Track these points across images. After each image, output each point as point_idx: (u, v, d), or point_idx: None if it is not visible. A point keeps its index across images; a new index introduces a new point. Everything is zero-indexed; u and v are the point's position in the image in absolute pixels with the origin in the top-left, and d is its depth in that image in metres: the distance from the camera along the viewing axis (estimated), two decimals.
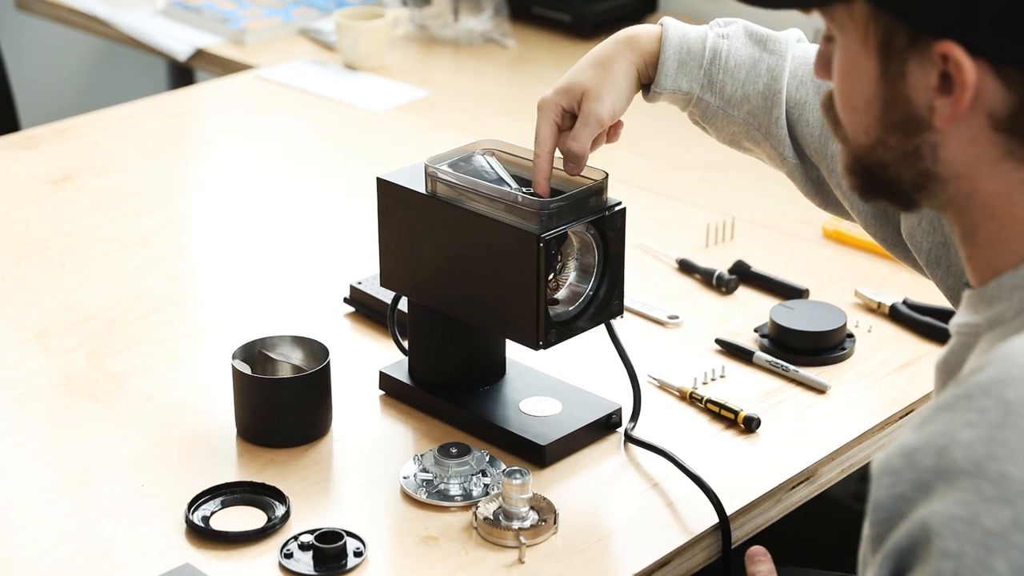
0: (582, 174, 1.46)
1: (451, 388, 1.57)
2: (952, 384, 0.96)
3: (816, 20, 1.10)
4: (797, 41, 1.47)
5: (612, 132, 1.48)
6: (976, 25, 0.95)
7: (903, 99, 1.00)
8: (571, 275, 1.49)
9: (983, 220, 1.03)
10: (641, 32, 1.48)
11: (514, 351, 1.59)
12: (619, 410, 1.55)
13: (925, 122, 1.00)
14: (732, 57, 1.45)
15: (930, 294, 1.83)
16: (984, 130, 0.99)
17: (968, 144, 1.00)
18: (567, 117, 1.45)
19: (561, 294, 1.49)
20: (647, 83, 1.47)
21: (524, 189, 1.46)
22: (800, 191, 1.49)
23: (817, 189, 1.48)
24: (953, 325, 1.08)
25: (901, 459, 0.93)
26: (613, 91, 1.44)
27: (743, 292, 1.84)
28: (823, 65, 1.09)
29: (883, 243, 1.45)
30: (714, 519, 1.42)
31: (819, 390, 1.63)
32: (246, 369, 1.52)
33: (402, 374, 1.60)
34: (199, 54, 2.70)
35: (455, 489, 1.43)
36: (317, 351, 1.55)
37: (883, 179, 1.05)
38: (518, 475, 1.38)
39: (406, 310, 1.58)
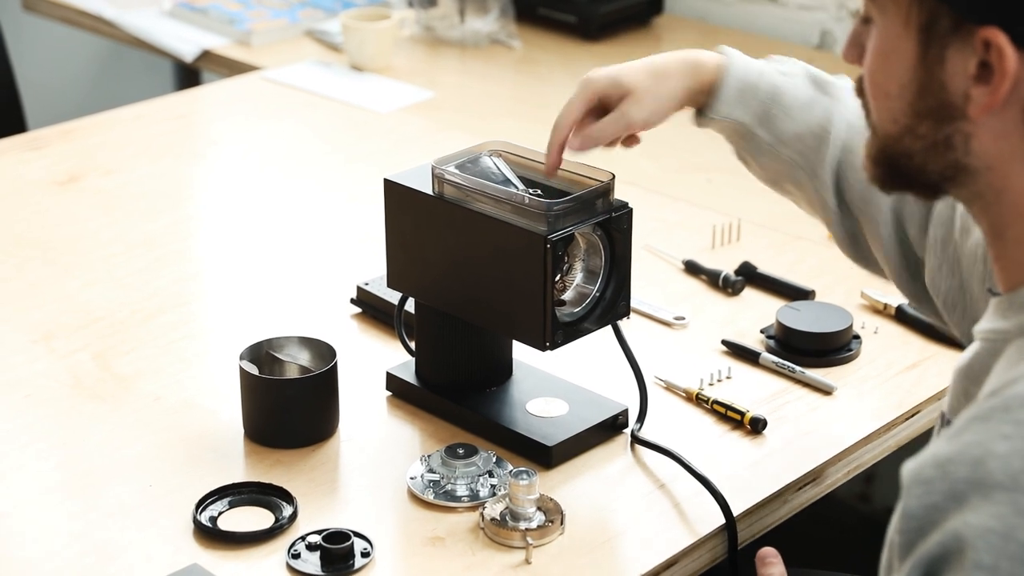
0: (589, 175, 1.46)
1: (458, 389, 1.57)
2: (988, 395, 0.95)
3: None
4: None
5: (629, 139, 1.48)
6: (1023, 15, 0.94)
7: (939, 85, 0.99)
8: (578, 276, 1.49)
9: (1013, 218, 1.01)
10: (705, 58, 1.46)
11: (521, 352, 1.60)
12: (626, 411, 1.55)
13: (959, 110, 0.99)
14: (791, 95, 1.44)
15: None
16: (1019, 124, 0.98)
17: (1001, 137, 0.99)
18: (599, 105, 1.45)
19: (568, 295, 1.49)
20: (698, 108, 1.47)
21: (531, 190, 1.46)
22: (835, 240, 1.49)
23: (853, 241, 1.47)
24: (978, 331, 1.06)
25: (934, 469, 0.92)
26: (656, 105, 1.44)
27: (749, 293, 1.84)
28: (855, 48, 1.08)
29: (912, 298, 1.45)
30: (720, 520, 1.42)
31: (825, 391, 1.63)
32: (253, 370, 1.52)
33: (409, 375, 1.60)
34: (205, 55, 2.70)
35: (462, 490, 1.44)
36: (324, 352, 1.56)
37: (907, 169, 1.04)
38: (525, 476, 1.38)
39: (413, 311, 1.59)
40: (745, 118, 1.45)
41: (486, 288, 1.48)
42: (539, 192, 1.46)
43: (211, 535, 1.38)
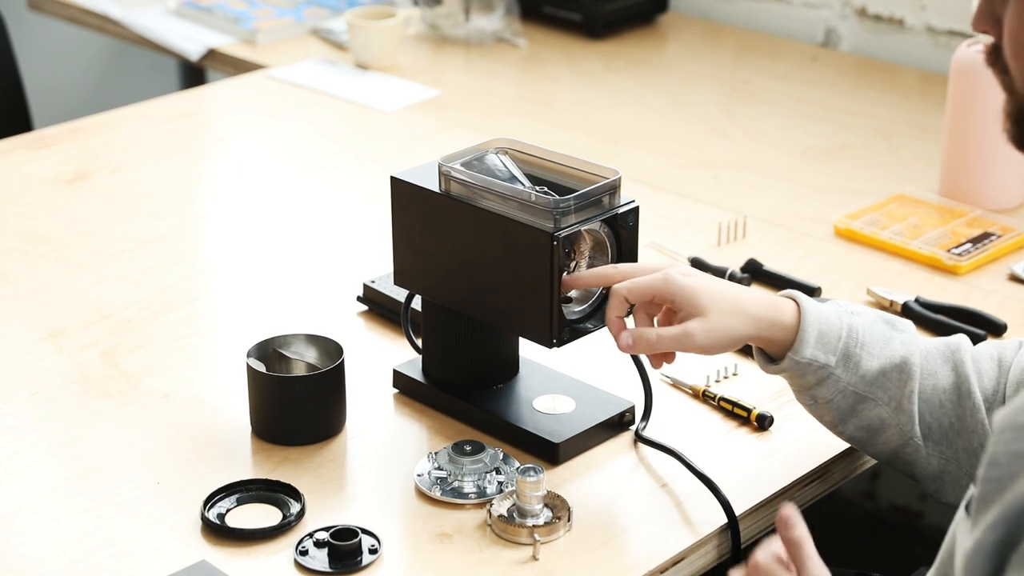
0: (595, 172, 1.47)
1: (465, 386, 1.57)
2: None
3: None
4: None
5: (669, 355, 1.44)
6: None
7: None
8: None
9: None
10: (782, 304, 1.41)
11: (527, 349, 1.60)
12: (632, 408, 1.55)
13: None
14: (867, 333, 1.40)
15: (942, 292, 1.84)
16: None
17: None
18: (655, 302, 1.41)
19: (574, 292, 1.49)
20: (768, 352, 1.42)
21: (537, 188, 1.47)
22: (918, 477, 1.43)
23: (936, 476, 1.43)
24: None
25: None
26: (721, 341, 1.38)
27: None
28: (987, 18, 1.09)
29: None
30: (724, 519, 1.42)
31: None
32: (261, 367, 1.52)
33: (416, 372, 1.60)
34: (211, 54, 2.71)
35: (469, 487, 1.44)
36: (331, 349, 1.56)
37: None
38: (532, 472, 1.39)
39: (420, 308, 1.59)
40: (827, 359, 1.39)
41: (493, 285, 1.49)
42: (545, 189, 1.46)
43: (219, 532, 1.39)
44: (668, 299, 1.40)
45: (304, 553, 1.36)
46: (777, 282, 1.83)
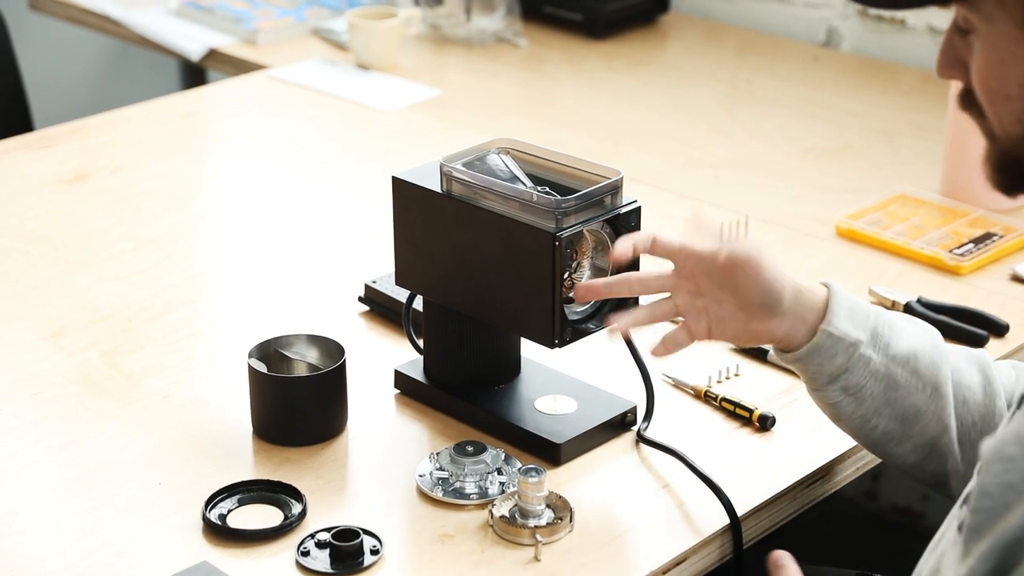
0: (597, 172, 1.46)
1: (466, 387, 1.57)
2: None
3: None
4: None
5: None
6: None
7: None
8: (586, 274, 1.49)
9: None
10: (814, 286, 1.38)
11: (529, 350, 1.60)
12: (634, 408, 1.55)
13: None
14: (894, 318, 1.38)
15: (944, 292, 1.83)
16: None
17: None
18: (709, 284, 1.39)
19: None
20: (784, 344, 1.39)
21: (539, 188, 1.47)
22: (950, 472, 1.39)
23: (965, 476, 1.38)
24: None
25: (1017, 447, 0.89)
26: (771, 274, 1.36)
27: None
28: (956, 65, 1.07)
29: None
30: (726, 519, 1.42)
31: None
32: (262, 368, 1.52)
33: (417, 373, 1.60)
34: (212, 54, 2.71)
35: (471, 487, 1.44)
36: (332, 350, 1.56)
37: None
38: (534, 473, 1.38)
39: (421, 309, 1.59)
40: (858, 336, 1.35)
41: (494, 286, 1.48)
42: (547, 189, 1.46)
43: (220, 533, 1.38)
44: (716, 255, 1.37)
45: (305, 554, 1.35)
46: None
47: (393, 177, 1.54)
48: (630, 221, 1.47)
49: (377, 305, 1.77)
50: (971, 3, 1.02)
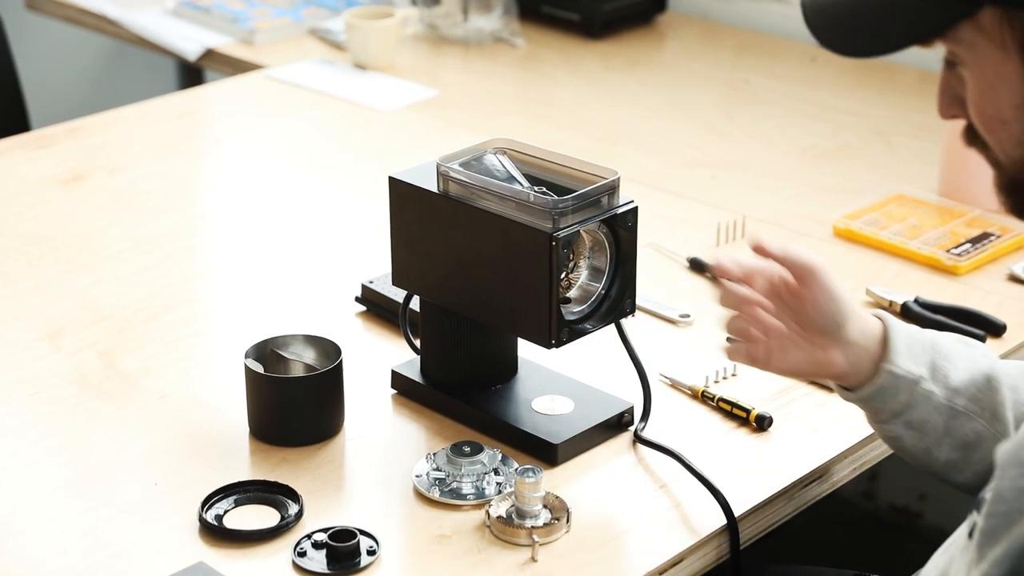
0: (594, 173, 1.46)
1: (463, 387, 1.57)
2: None
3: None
4: None
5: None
6: None
7: None
8: (583, 274, 1.49)
9: None
10: (868, 316, 1.38)
11: (526, 350, 1.60)
12: (631, 409, 1.55)
13: None
14: (948, 346, 1.36)
15: (942, 292, 1.83)
16: None
17: None
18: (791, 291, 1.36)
19: (573, 293, 1.49)
20: (845, 382, 1.38)
21: (536, 188, 1.47)
22: None
23: None
24: None
25: None
26: (832, 293, 1.34)
27: None
28: (954, 103, 1.07)
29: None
30: (723, 519, 1.42)
31: (831, 388, 1.62)
32: (259, 368, 1.52)
33: (414, 373, 1.60)
34: (209, 54, 2.70)
35: (468, 488, 1.44)
36: (329, 350, 1.56)
37: None
38: (531, 473, 1.38)
39: (418, 309, 1.59)
40: (919, 372, 1.34)
41: (491, 286, 1.48)
42: (544, 190, 1.46)
43: (217, 533, 1.38)
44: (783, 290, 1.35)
45: (302, 554, 1.35)
46: None
47: (390, 177, 1.54)
48: (627, 221, 1.47)
49: (374, 305, 1.77)
50: (950, 36, 1.02)
